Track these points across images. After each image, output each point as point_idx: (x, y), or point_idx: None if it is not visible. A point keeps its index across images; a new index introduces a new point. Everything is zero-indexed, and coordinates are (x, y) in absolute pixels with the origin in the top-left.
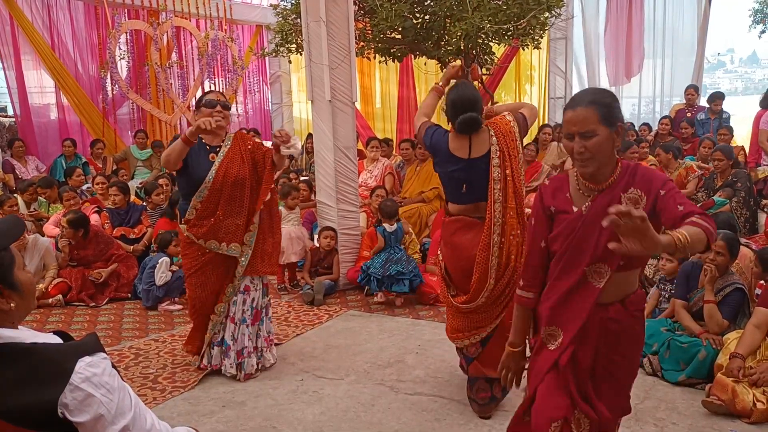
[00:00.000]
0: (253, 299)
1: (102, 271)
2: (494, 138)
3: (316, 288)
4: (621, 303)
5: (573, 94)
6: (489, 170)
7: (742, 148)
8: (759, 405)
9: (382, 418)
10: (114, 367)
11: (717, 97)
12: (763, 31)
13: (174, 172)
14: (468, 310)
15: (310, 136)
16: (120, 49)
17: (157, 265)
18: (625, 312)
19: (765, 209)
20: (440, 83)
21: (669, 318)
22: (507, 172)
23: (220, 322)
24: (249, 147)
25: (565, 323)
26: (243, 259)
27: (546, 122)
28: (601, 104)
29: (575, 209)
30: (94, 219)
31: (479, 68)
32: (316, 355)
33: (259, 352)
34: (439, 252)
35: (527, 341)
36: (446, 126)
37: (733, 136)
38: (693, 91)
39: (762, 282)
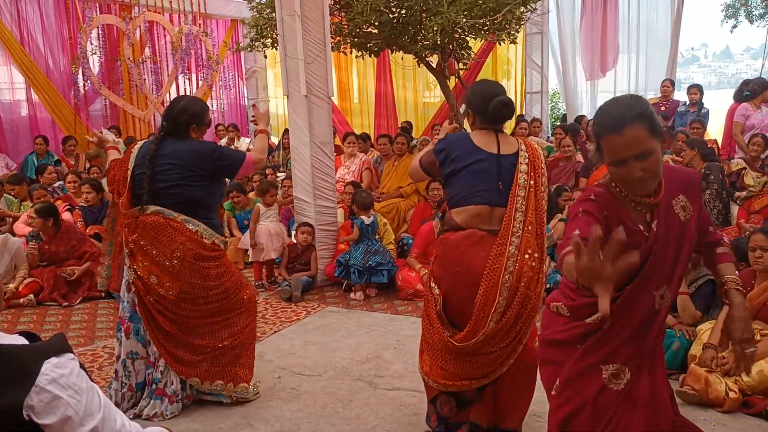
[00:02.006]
0: None
1: (75, 269)
2: (522, 145)
3: (293, 284)
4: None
5: (599, 108)
6: (516, 173)
7: (715, 141)
8: (731, 394)
9: (361, 413)
10: (83, 367)
11: (694, 87)
12: (734, 26)
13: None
14: (472, 349)
15: (286, 131)
16: (91, 44)
17: None
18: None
19: (738, 201)
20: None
21: None
22: (531, 182)
23: None
24: None
25: (630, 359)
26: None
27: (522, 115)
28: (647, 116)
29: (642, 228)
30: (66, 217)
31: (456, 63)
32: (293, 351)
33: None
34: (432, 283)
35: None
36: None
37: (705, 129)
38: (668, 83)
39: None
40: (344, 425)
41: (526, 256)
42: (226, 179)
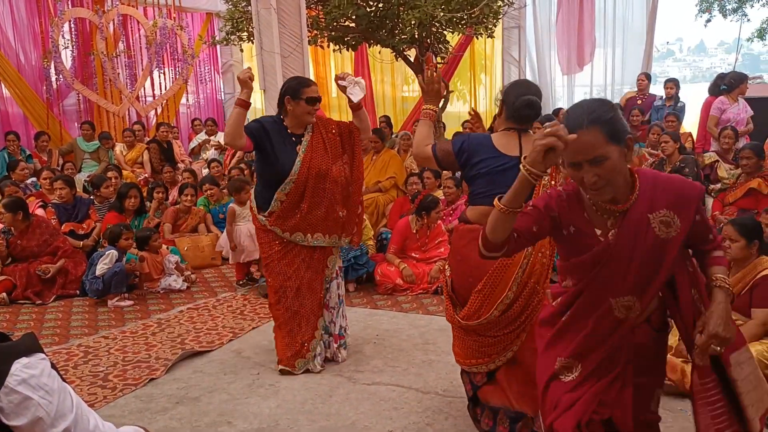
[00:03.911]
0: (338, 285)
1: (50, 267)
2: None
3: None
4: (646, 321)
5: (566, 110)
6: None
7: (690, 134)
8: None
9: (340, 408)
10: (54, 367)
11: (670, 81)
12: (708, 20)
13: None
14: (474, 328)
15: None
16: (64, 38)
17: (103, 256)
18: (649, 331)
19: (712, 194)
20: (430, 107)
21: None
22: (552, 183)
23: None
24: (333, 132)
25: (584, 358)
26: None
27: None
28: (605, 121)
29: (598, 233)
30: (40, 213)
31: (434, 57)
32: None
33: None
34: (446, 265)
35: None
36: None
37: (680, 122)
38: (644, 77)
39: None
40: (324, 421)
41: (540, 254)
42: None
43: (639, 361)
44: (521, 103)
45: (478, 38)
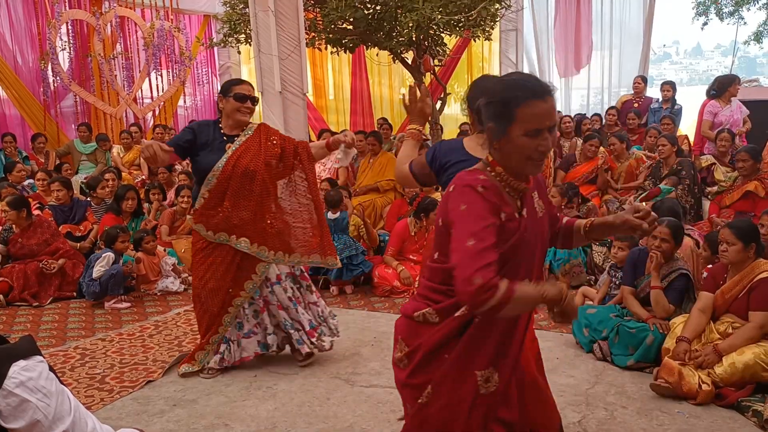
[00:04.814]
0: (285, 288)
1: (53, 262)
2: None
3: None
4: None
5: (495, 79)
6: None
7: (686, 137)
8: (704, 387)
9: (338, 411)
10: (52, 370)
11: (667, 83)
12: (705, 24)
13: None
14: None
15: None
16: (61, 39)
17: (100, 258)
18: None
19: (709, 197)
20: (415, 127)
21: (618, 304)
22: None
23: (234, 317)
24: (274, 141)
25: (502, 362)
26: (265, 254)
27: None
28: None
29: (517, 215)
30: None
31: (431, 59)
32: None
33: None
34: None
35: None
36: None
37: (675, 125)
38: (640, 80)
39: (709, 266)
40: (321, 423)
41: None
42: None
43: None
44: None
45: (475, 41)
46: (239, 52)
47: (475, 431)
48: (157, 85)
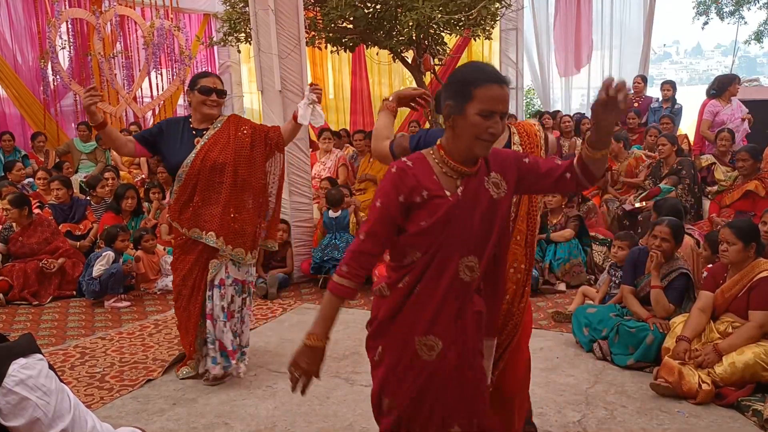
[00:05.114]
0: (223, 296)
1: (53, 261)
2: (516, 137)
3: (269, 281)
4: (476, 291)
5: (462, 65)
6: None
7: (686, 136)
8: (704, 386)
9: (338, 410)
10: (52, 368)
11: (667, 83)
12: (706, 23)
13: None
14: None
15: None
16: (61, 38)
17: (100, 257)
18: (480, 299)
19: (709, 196)
20: (390, 99)
21: (618, 304)
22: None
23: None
24: (244, 132)
25: (443, 331)
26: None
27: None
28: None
29: (448, 194)
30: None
31: (431, 59)
32: (270, 349)
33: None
34: None
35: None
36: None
37: (675, 125)
38: (640, 80)
39: (709, 266)
40: (321, 422)
41: (512, 270)
42: None
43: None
44: None
45: (475, 40)
46: (239, 51)
47: (415, 394)
48: (156, 84)
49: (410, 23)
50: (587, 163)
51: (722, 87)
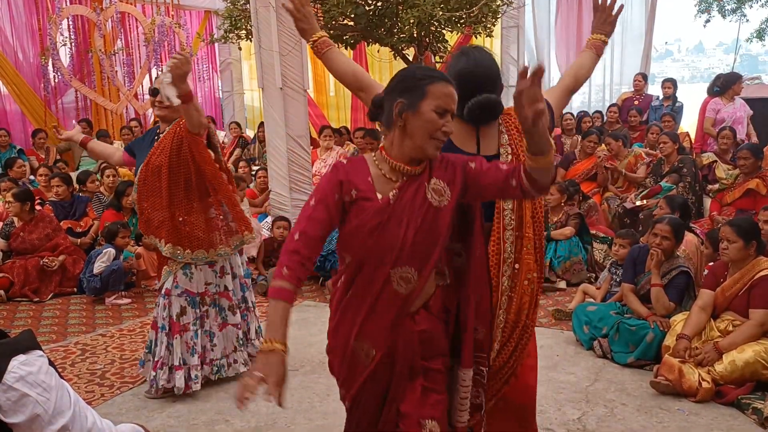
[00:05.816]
0: (166, 306)
1: (55, 259)
2: (505, 135)
3: (270, 279)
4: (425, 308)
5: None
6: None
7: (687, 134)
8: (704, 384)
9: (338, 407)
10: (52, 364)
11: (668, 80)
12: (707, 21)
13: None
14: None
15: (262, 124)
16: (62, 35)
17: (101, 254)
18: (430, 317)
19: (710, 194)
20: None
21: (618, 302)
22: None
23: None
24: (180, 127)
25: (375, 339)
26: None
27: None
28: None
29: (380, 197)
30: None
31: (432, 56)
32: None
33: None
34: None
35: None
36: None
37: (676, 122)
38: (640, 77)
39: (710, 264)
40: (321, 420)
41: (526, 282)
42: None
43: (424, 347)
44: (475, 104)
45: (476, 37)
46: (240, 48)
47: (356, 392)
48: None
49: (411, 20)
50: (530, 171)
51: (726, 85)
